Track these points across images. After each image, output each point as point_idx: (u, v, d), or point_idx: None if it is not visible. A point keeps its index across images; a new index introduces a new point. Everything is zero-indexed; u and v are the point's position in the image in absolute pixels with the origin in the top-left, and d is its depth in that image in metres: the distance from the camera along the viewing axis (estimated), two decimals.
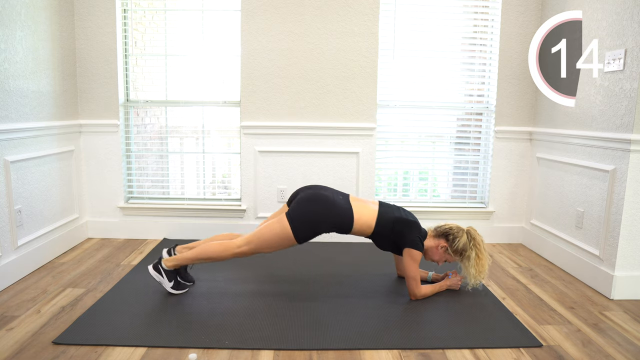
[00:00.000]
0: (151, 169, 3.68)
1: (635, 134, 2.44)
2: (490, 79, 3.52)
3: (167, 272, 2.43)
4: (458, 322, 2.25)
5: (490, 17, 3.46)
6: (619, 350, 2.02)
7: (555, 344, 2.07)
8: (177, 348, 1.96)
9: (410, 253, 2.42)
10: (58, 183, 3.11)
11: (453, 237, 2.48)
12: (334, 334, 2.10)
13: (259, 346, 1.98)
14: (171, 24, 3.45)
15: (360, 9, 3.31)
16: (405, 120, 3.57)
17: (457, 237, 2.47)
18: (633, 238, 2.53)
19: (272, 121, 3.42)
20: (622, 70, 2.51)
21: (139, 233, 3.53)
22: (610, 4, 2.63)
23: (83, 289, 2.55)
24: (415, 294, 2.46)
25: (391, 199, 3.70)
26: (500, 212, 3.61)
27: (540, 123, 3.41)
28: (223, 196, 3.70)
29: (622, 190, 2.51)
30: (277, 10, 3.31)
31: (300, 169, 3.48)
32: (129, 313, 2.25)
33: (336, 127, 3.42)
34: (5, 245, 2.57)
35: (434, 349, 2.00)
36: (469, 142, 3.67)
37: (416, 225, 2.49)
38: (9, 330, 2.07)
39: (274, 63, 3.36)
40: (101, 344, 1.96)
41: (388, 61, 3.45)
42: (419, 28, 3.45)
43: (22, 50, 2.69)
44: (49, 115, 2.99)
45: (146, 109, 3.64)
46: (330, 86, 3.39)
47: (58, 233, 3.10)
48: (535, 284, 2.79)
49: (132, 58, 3.48)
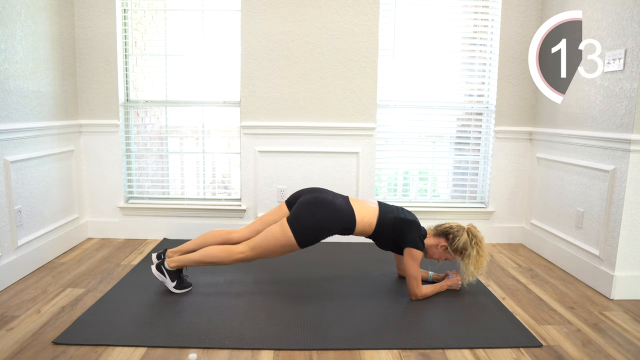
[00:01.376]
0: (151, 169, 3.68)
1: (635, 134, 2.44)
2: (490, 79, 3.52)
3: (170, 272, 2.44)
4: (458, 322, 2.25)
5: (490, 17, 3.46)
6: (619, 350, 2.02)
7: (555, 344, 2.07)
8: (177, 348, 1.96)
9: (411, 252, 2.42)
10: (58, 183, 3.11)
11: (453, 236, 2.48)
12: (334, 334, 2.10)
13: (259, 346, 1.98)
14: (171, 24, 3.45)
15: (360, 9, 3.31)
16: (405, 120, 3.57)
17: (457, 236, 2.47)
18: (633, 238, 2.53)
19: (272, 121, 3.42)
20: (622, 70, 2.51)
21: (139, 233, 3.53)
22: (610, 4, 2.63)
23: (83, 289, 2.55)
24: (416, 294, 2.46)
25: (391, 199, 3.70)
26: (500, 212, 3.61)
27: (540, 123, 3.41)
28: (223, 196, 3.70)
29: (622, 190, 2.51)
30: (277, 10, 3.31)
31: (300, 169, 3.48)
32: (129, 313, 2.25)
33: (336, 127, 3.42)
34: (5, 245, 2.57)
35: (434, 349, 2.00)
36: (469, 142, 3.67)
37: (416, 224, 2.49)
38: (9, 330, 2.07)
39: (274, 63, 3.36)
40: (101, 344, 1.96)
41: (388, 61, 3.45)
42: (419, 28, 3.45)
43: (22, 50, 2.69)
44: (49, 115, 2.99)
45: (146, 109, 3.64)
46: (330, 86, 3.39)
47: (58, 233, 3.10)
48: (535, 284, 2.79)
49: (132, 58, 3.48)
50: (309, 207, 2.38)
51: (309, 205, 2.39)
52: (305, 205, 2.40)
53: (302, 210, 2.38)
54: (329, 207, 2.39)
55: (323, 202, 2.40)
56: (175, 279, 2.45)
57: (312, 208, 2.38)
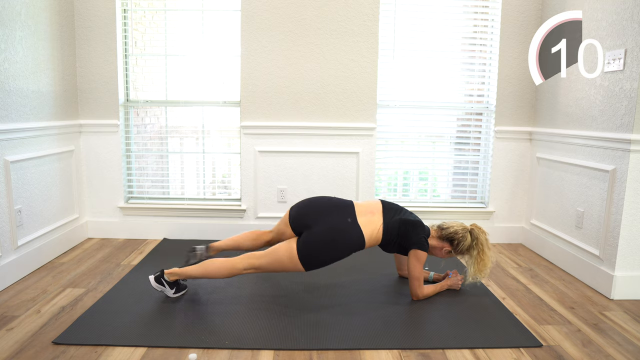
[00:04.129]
0: (151, 169, 3.68)
1: (635, 134, 2.44)
2: (490, 79, 3.52)
3: (169, 283, 2.44)
4: (458, 322, 2.25)
5: (490, 17, 3.46)
6: (619, 350, 2.02)
7: (555, 344, 2.07)
8: (177, 348, 1.96)
9: (416, 254, 2.42)
10: (58, 183, 3.11)
11: (457, 242, 2.48)
12: (334, 334, 2.10)
13: (259, 346, 1.98)
14: (171, 24, 3.45)
15: (360, 9, 3.31)
16: (405, 120, 3.57)
17: (462, 241, 2.47)
18: (633, 238, 2.53)
19: (272, 121, 3.42)
20: (622, 70, 2.51)
21: (139, 233, 3.53)
22: (610, 4, 2.63)
23: (83, 289, 2.55)
24: (418, 294, 2.46)
25: (391, 199, 3.70)
26: (500, 212, 3.61)
27: (540, 123, 3.41)
28: (223, 196, 3.70)
29: (622, 190, 2.51)
30: (276, 10, 3.31)
31: (300, 169, 3.48)
32: (129, 313, 2.25)
33: (336, 127, 3.42)
34: (5, 245, 2.57)
35: (434, 349, 2.00)
36: (469, 142, 3.67)
37: (420, 224, 2.48)
38: (9, 330, 2.07)
39: (274, 63, 3.36)
40: (101, 344, 1.96)
41: (388, 61, 3.45)
42: (419, 28, 3.45)
43: (22, 50, 2.69)
44: (49, 115, 2.99)
45: (146, 109, 3.64)
46: (331, 86, 3.39)
47: (58, 233, 3.10)
48: (535, 284, 2.79)
49: (132, 58, 3.48)
50: (320, 244, 2.32)
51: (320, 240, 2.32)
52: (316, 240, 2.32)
53: (312, 246, 2.32)
54: (340, 239, 2.34)
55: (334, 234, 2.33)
56: (174, 287, 2.46)
57: (324, 244, 2.32)
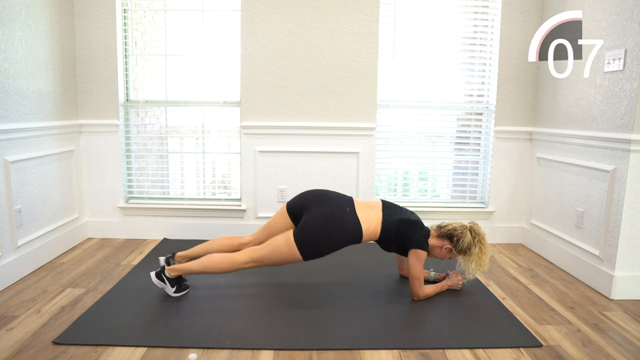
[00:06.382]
0: (151, 169, 3.68)
1: (635, 134, 2.44)
2: (490, 79, 3.52)
3: (170, 280, 2.44)
4: (458, 322, 2.25)
5: (490, 17, 3.46)
6: (619, 350, 2.02)
7: (555, 344, 2.07)
8: (177, 348, 1.96)
9: (416, 253, 2.42)
10: (58, 183, 3.11)
11: (457, 238, 2.48)
12: (334, 334, 2.10)
13: (259, 346, 1.98)
14: (171, 24, 3.45)
15: (360, 9, 3.31)
16: (405, 120, 3.57)
17: (461, 237, 2.47)
18: (633, 238, 2.53)
19: (272, 121, 3.42)
20: (622, 70, 2.51)
21: (139, 233, 3.53)
22: (610, 4, 2.63)
23: (83, 289, 2.55)
24: (418, 294, 2.46)
25: (391, 199, 3.70)
26: (500, 212, 3.61)
27: (540, 123, 3.41)
28: (223, 196, 3.70)
29: (622, 190, 2.51)
30: (277, 10, 3.31)
31: (300, 169, 3.48)
32: (129, 313, 2.25)
33: (336, 127, 3.42)
34: (5, 245, 2.57)
35: (434, 349, 2.00)
36: (469, 142, 3.67)
37: (420, 224, 2.49)
38: (9, 330, 2.07)
39: (274, 63, 3.36)
40: (101, 344, 1.96)
41: (388, 61, 3.45)
42: (419, 28, 3.45)
43: (22, 50, 2.69)
44: (49, 115, 2.99)
45: (146, 109, 3.64)
46: (331, 86, 3.39)
47: (58, 233, 3.10)
48: (535, 284, 2.79)
49: (132, 58, 3.48)
50: (317, 227, 2.34)
51: (317, 224, 2.35)
52: (313, 223, 2.35)
53: (309, 229, 2.34)
54: (337, 225, 2.35)
55: (331, 218, 2.36)
56: (175, 285, 2.46)
57: (321, 227, 2.34)
